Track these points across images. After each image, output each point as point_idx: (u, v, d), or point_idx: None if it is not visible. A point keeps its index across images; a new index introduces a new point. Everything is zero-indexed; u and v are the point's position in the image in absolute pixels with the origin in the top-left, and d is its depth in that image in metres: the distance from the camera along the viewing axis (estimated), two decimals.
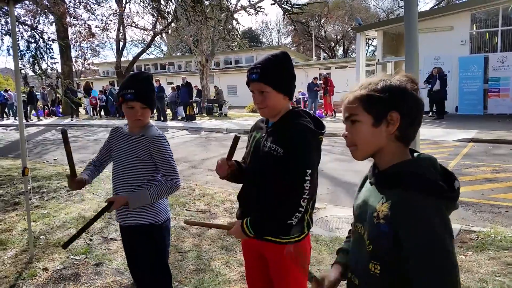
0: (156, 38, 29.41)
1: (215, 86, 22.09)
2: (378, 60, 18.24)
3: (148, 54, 37.98)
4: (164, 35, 29.73)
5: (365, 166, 1.40)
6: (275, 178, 1.80)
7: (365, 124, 1.25)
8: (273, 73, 1.81)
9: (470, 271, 3.32)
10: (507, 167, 7.16)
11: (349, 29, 41.32)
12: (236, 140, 1.93)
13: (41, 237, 4.37)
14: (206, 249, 3.97)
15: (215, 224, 2.04)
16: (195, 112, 19.49)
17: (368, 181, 1.36)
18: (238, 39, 13.60)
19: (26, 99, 20.18)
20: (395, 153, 1.25)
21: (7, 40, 9.54)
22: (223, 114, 20.17)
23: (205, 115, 20.67)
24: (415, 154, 1.28)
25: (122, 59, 27.82)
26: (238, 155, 2.03)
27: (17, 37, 3.91)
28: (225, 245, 4.03)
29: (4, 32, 9.06)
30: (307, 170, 1.75)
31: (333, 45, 45.17)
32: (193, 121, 17.63)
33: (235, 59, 34.20)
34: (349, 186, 6.44)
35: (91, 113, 22.62)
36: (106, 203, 2.24)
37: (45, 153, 10.73)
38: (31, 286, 3.32)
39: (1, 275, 3.50)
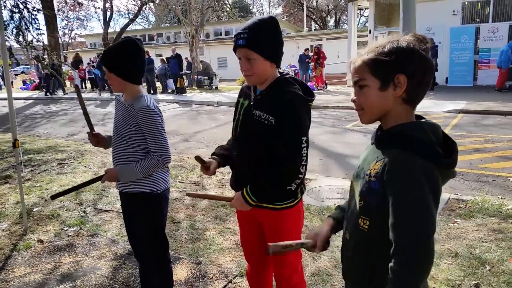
0: (143, 8, 28.72)
1: (201, 61, 21.75)
2: (370, 30, 18.05)
3: (136, 25, 37.11)
4: (151, 4, 28.98)
5: (356, 138, 1.42)
6: (267, 146, 1.81)
7: (372, 88, 1.25)
8: (261, 39, 1.76)
9: (458, 238, 3.42)
10: (495, 137, 7.27)
11: None
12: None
13: (34, 209, 4.38)
14: (200, 219, 4.02)
15: (216, 196, 2.06)
16: (186, 84, 19.27)
17: (370, 141, 1.38)
18: (227, 8, 13.31)
19: (49, 73, 18.57)
20: (401, 115, 1.26)
21: None
22: (214, 87, 19.98)
23: (196, 88, 20.46)
24: (422, 120, 1.29)
25: (110, 30, 27.21)
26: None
27: None
28: (218, 215, 4.09)
29: None
30: (303, 137, 1.78)
31: (324, 15, 44.52)
32: (184, 94, 17.47)
33: (225, 30, 33.63)
34: (340, 157, 6.50)
35: (80, 86, 22.23)
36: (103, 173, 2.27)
37: (35, 127, 10.61)
38: (27, 257, 3.35)
39: None
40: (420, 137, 1.19)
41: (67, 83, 23.37)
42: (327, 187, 4.90)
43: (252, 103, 1.90)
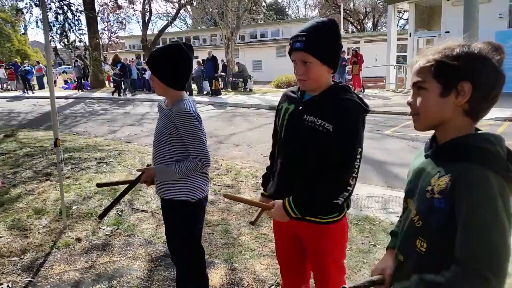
0: (181, 11, 29.23)
1: (237, 63, 21.85)
2: (410, 34, 17.55)
3: (173, 27, 37.82)
4: (189, 7, 29.46)
5: (395, 144, 1.32)
6: (319, 153, 1.72)
7: (431, 93, 1.15)
8: (319, 43, 1.68)
9: None
10: None
11: (379, 1, 39.92)
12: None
13: (73, 207, 4.47)
14: (235, 224, 3.97)
15: (254, 202, 1.96)
16: (220, 87, 19.41)
17: (423, 154, 1.27)
18: (264, 10, 13.32)
19: (119, 73, 18.96)
20: (460, 128, 1.15)
21: (36, 12, 9.65)
22: (248, 89, 20.02)
23: (230, 90, 20.57)
24: (485, 132, 1.18)
25: (148, 32, 27.84)
26: (266, 130, 1.97)
27: (46, 8, 3.92)
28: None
29: (33, 3, 9.12)
30: (358, 148, 1.69)
31: (362, 18, 43.83)
32: (218, 96, 17.59)
33: (261, 32, 33.67)
34: (378, 164, 6.30)
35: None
36: (139, 174, 2.25)
37: (74, 126, 10.95)
38: (65, 255, 3.41)
39: (37, 243, 3.61)
40: (490, 150, 1.08)
41: (106, 82, 24.12)
42: (365, 195, 4.74)
43: (301, 107, 1.80)
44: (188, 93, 17.93)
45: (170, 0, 27.12)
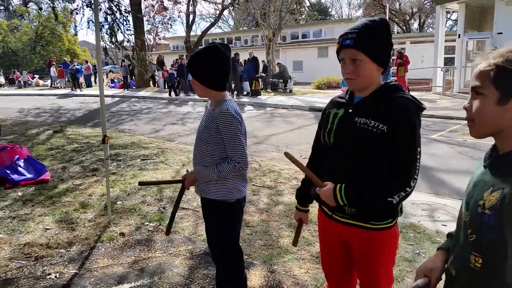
0: (224, 12, 29.60)
1: (278, 63, 21.80)
2: (459, 35, 16.83)
3: (216, 28, 38.35)
4: (232, 8, 29.77)
5: (442, 149, 1.24)
6: (374, 155, 1.65)
7: (488, 99, 1.08)
8: (370, 40, 1.63)
9: None
10: None
11: (426, 1, 38.63)
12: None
13: (118, 202, 4.62)
14: (274, 226, 3.95)
15: (310, 174, 1.82)
16: (260, 87, 19.45)
17: (482, 164, 1.19)
18: (308, 9, 13.25)
19: (176, 73, 19.13)
20: None
21: (87, 12, 10.07)
22: (288, 90, 19.95)
23: (270, 90, 20.57)
24: None
25: (191, 33, 28.38)
26: (305, 131, 1.93)
27: (93, 8, 4.07)
28: (293, 223, 3.99)
29: (86, 4, 9.52)
30: (418, 148, 1.62)
31: (408, 18, 42.57)
32: (258, 97, 17.64)
33: (302, 33, 33.47)
34: (424, 170, 6.06)
35: (163, 87, 23.42)
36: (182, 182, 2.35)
37: (120, 123, 11.32)
38: (109, 249, 3.52)
39: (83, 237, 3.75)
40: None
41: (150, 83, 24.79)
42: (410, 202, 4.58)
43: (351, 110, 1.75)
44: (230, 93, 18.16)
45: (214, 2, 27.52)
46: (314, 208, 2.11)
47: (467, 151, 7.13)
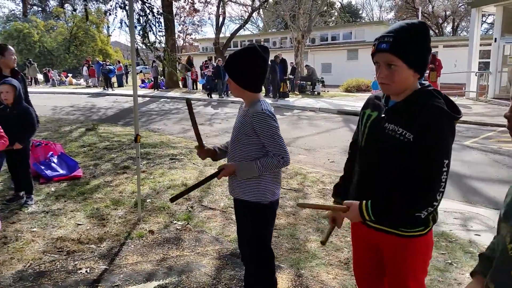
0: (253, 14, 29.72)
1: (306, 65, 21.66)
2: (495, 39, 16.28)
3: (245, 30, 38.53)
4: (261, 10, 29.85)
5: (476, 156, 1.19)
6: (400, 164, 1.62)
7: None
8: (407, 45, 1.57)
9: None
10: None
11: (461, 4, 37.61)
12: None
13: (147, 200, 4.69)
14: (301, 229, 3.92)
15: (329, 206, 1.89)
16: (288, 89, 19.38)
17: None
18: (339, 10, 13.12)
19: (213, 74, 19.07)
20: None
21: (119, 14, 10.30)
22: (316, 92, 19.80)
23: (298, 93, 20.48)
24: None
25: (220, 35, 28.63)
26: (333, 135, 1.90)
27: (128, 10, 4.17)
28: (320, 227, 3.95)
29: (119, 5, 9.74)
30: (445, 160, 1.54)
31: (440, 21, 41.54)
32: (286, 99, 17.58)
33: (332, 35, 33.20)
34: (457, 177, 5.89)
35: (191, 87, 23.72)
36: (217, 170, 2.28)
37: (150, 123, 11.52)
38: (139, 246, 3.57)
39: (113, 233, 3.83)
40: None
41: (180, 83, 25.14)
42: (442, 210, 4.45)
43: (383, 115, 1.71)
44: (271, 95, 18.05)
45: (244, 4, 27.68)
46: None
47: (502, 159, 6.87)
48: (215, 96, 18.72)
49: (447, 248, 3.55)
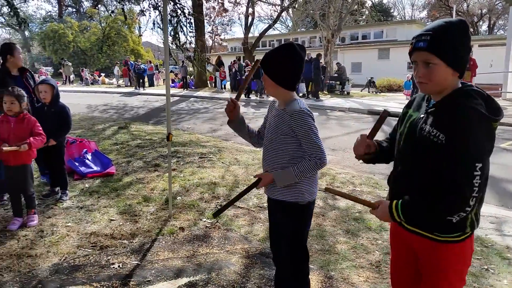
0: (282, 14, 29.66)
1: (337, 63, 21.43)
2: None
3: (273, 29, 38.47)
4: (290, 10, 29.75)
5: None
6: (433, 167, 1.58)
7: None
8: (446, 43, 1.53)
9: None
10: None
11: (498, 2, 36.27)
12: (384, 116, 1.77)
13: (177, 198, 4.76)
14: (330, 230, 3.88)
15: (358, 198, 1.84)
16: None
17: None
18: (370, 9, 12.91)
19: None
20: None
21: (152, 14, 10.48)
22: (345, 92, 19.56)
23: (326, 92, 20.28)
24: None
25: (249, 35, 28.71)
26: (356, 136, 1.86)
27: (162, 10, 4.24)
28: (350, 229, 3.90)
29: (152, 6, 9.91)
30: (477, 164, 1.48)
31: (476, 20, 40.18)
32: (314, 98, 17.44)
33: (363, 34, 32.72)
34: (493, 181, 5.67)
35: (220, 87, 23.90)
36: (256, 179, 2.29)
37: (180, 122, 11.68)
38: (170, 242, 3.63)
39: (145, 229, 3.90)
40: None
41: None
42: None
43: (422, 115, 1.68)
44: (311, 95, 17.92)
45: (273, 3, 27.65)
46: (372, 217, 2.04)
47: None
48: (252, 97, 18.57)
49: (483, 253, 3.44)
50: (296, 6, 25.96)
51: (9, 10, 8.65)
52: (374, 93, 20.18)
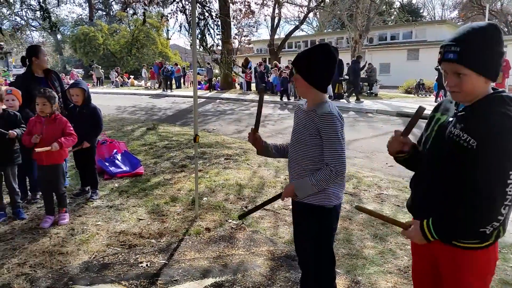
0: (308, 15, 29.52)
1: (369, 64, 21.08)
2: None
3: (299, 31, 38.27)
4: (317, 11, 29.58)
5: None
6: (462, 173, 1.53)
7: None
8: (477, 53, 1.49)
9: None
10: None
11: None
12: (421, 111, 1.73)
13: (203, 198, 4.80)
14: (357, 235, 3.83)
15: (389, 218, 1.82)
16: (344, 90, 19.01)
17: None
18: (398, 10, 12.69)
19: (288, 77, 17.92)
20: None
21: (179, 17, 10.64)
22: (373, 94, 19.26)
23: (353, 94, 20.00)
24: None
25: (274, 36, 28.72)
26: (385, 138, 1.82)
27: (190, 13, 4.29)
28: (377, 233, 3.83)
29: (179, 9, 10.06)
30: (510, 172, 1.43)
31: (510, 20, 38.81)
32: (341, 100, 17.26)
33: (391, 34, 32.17)
34: None
35: (245, 88, 23.99)
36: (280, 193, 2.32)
37: (206, 123, 11.79)
38: (196, 242, 3.67)
39: (172, 229, 3.96)
40: None
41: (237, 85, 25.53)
42: (510, 220, 4.15)
43: (451, 119, 1.64)
44: (346, 96, 17.67)
45: (300, 5, 27.56)
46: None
47: None
48: (285, 99, 18.13)
49: None
50: (324, 7, 25.75)
51: (42, 14, 8.97)
52: (424, 96, 19.69)
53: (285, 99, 17.89)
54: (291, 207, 4.10)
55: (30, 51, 4.83)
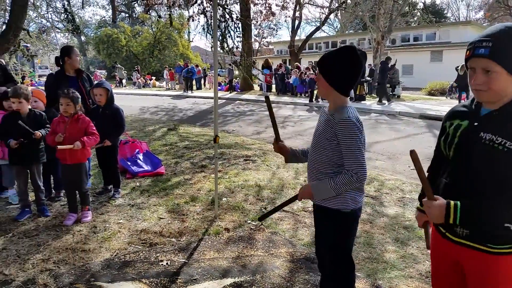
0: (330, 16, 29.36)
1: (393, 65, 20.75)
2: None
3: (320, 32, 38.06)
4: (339, 12, 29.37)
5: None
6: (499, 176, 1.49)
7: None
8: (510, 51, 1.45)
9: None
10: None
11: None
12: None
13: (223, 199, 4.82)
14: (378, 238, 3.77)
15: (423, 177, 1.63)
16: (365, 92, 18.79)
17: None
18: (422, 11, 12.48)
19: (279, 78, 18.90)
20: None
21: (202, 19, 10.74)
22: (396, 95, 18.95)
23: (375, 95, 19.76)
24: None
25: (295, 38, 28.63)
26: (414, 141, 1.78)
27: (210, 16, 4.34)
28: (399, 238, 3.77)
29: (201, 11, 10.15)
30: None
31: None
32: (362, 102, 17.07)
33: (414, 35, 31.66)
34: None
35: (265, 90, 23.99)
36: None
37: (225, 124, 11.85)
38: (215, 242, 3.68)
39: (192, 228, 3.99)
40: None
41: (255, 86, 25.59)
42: None
43: (476, 124, 1.59)
44: (379, 99, 17.44)
45: (321, 6, 27.41)
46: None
47: None
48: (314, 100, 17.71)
49: None
50: (345, 8, 25.55)
51: (66, 16, 9.19)
52: (452, 98, 19.33)
53: (313, 101, 17.57)
54: (310, 209, 4.08)
55: (63, 51, 4.98)
